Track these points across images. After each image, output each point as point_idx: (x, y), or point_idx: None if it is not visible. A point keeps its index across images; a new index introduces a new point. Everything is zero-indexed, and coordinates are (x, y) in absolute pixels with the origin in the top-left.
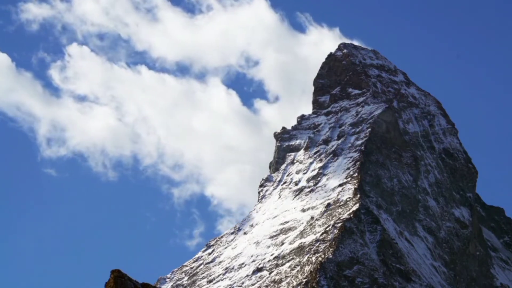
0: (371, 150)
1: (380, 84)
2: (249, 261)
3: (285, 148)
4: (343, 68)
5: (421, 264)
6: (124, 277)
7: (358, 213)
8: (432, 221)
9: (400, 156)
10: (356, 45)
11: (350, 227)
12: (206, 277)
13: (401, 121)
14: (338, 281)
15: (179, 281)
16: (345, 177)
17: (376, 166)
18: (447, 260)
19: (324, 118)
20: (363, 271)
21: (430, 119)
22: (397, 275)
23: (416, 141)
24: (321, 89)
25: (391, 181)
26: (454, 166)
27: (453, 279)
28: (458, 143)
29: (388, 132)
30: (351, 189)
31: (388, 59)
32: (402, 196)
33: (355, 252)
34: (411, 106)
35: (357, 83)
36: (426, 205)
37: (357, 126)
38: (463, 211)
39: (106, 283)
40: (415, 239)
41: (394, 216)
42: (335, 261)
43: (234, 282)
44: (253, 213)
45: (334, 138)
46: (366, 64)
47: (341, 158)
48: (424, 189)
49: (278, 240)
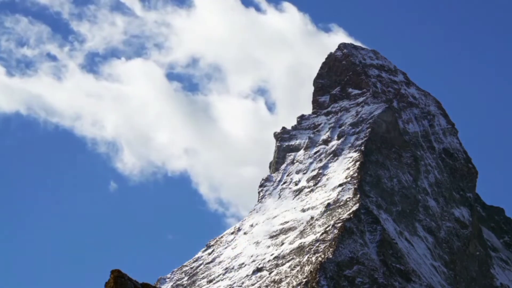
0: (371, 150)
1: (380, 84)
2: (249, 261)
3: (285, 148)
4: (343, 68)
5: (421, 264)
6: (124, 277)
7: (358, 213)
8: (432, 221)
9: (400, 156)
10: (356, 45)
11: (350, 227)
12: (206, 277)
13: (401, 121)
14: (338, 281)
15: (179, 281)
16: (345, 177)
17: (376, 166)
18: (447, 260)
19: (324, 118)
20: (363, 271)
21: (430, 119)
22: (397, 275)
23: (416, 141)
24: (321, 89)
25: (391, 181)
26: (454, 166)
27: (453, 279)
28: (458, 143)
29: (388, 132)
30: (351, 189)
31: (388, 59)
32: (402, 196)
33: (355, 252)
34: (411, 106)
35: (357, 83)
36: (426, 205)
37: (357, 126)
38: (463, 211)
39: (106, 283)
40: (415, 239)
41: (394, 216)
42: (335, 261)
43: (234, 282)
44: (253, 213)
45: (334, 138)
46: (366, 64)
47: (341, 158)
48: (424, 189)
49: (278, 240)
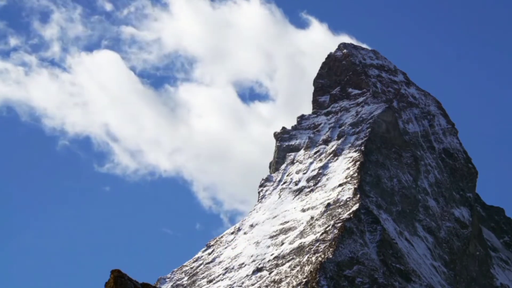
0: (371, 150)
1: (380, 84)
2: (249, 261)
3: (285, 148)
4: (343, 68)
5: (421, 264)
6: (124, 277)
7: (358, 213)
8: (432, 221)
9: (400, 156)
10: (356, 45)
11: (350, 227)
12: (206, 277)
13: (401, 121)
14: (338, 281)
15: (179, 281)
16: (345, 177)
17: (376, 166)
18: (447, 260)
19: (324, 118)
20: (363, 271)
21: (430, 119)
22: (397, 275)
23: (416, 141)
24: (321, 89)
25: (391, 181)
26: (454, 166)
27: (453, 279)
28: (458, 143)
29: (388, 132)
30: (351, 189)
31: (388, 59)
32: (402, 196)
33: (355, 252)
34: (411, 106)
35: (357, 83)
36: (426, 205)
37: (357, 126)
38: (463, 211)
39: (106, 283)
40: (415, 239)
41: (394, 216)
42: (335, 261)
43: (234, 282)
44: (253, 213)
45: (334, 138)
46: (366, 64)
47: (341, 158)
48: (424, 189)
49: (278, 240)
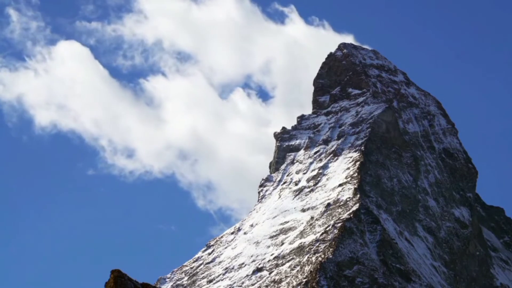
0: (371, 150)
1: (380, 84)
2: (249, 261)
3: (285, 148)
4: (343, 68)
5: (421, 264)
6: (124, 277)
7: (358, 213)
8: (432, 221)
9: (400, 156)
10: (356, 45)
11: (350, 227)
12: (206, 277)
13: (401, 121)
14: (338, 281)
15: (179, 281)
16: (345, 177)
17: (376, 166)
18: (447, 260)
19: (324, 118)
20: (363, 271)
21: (430, 119)
22: (397, 275)
23: (416, 141)
24: (321, 89)
25: (391, 181)
26: (454, 166)
27: (453, 279)
28: (458, 143)
29: (388, 132)
30: (351, 189)
31: (388, 59)
32: (402, 196)
33: (355, 252)
34: (411, 106)
35: (357, 83)
36: (426, 205)
37: (357, 126)
38: (463, 211)
39: (106, 283)
40: (415, 239)
41: (394, 216)
42: (335, 261)
43: (234, 282)
44: (253, 213)
45: (334, 138)
46: (366, 64)
47: (341, 158)
48: (424, 189)
49: (278, 240)
